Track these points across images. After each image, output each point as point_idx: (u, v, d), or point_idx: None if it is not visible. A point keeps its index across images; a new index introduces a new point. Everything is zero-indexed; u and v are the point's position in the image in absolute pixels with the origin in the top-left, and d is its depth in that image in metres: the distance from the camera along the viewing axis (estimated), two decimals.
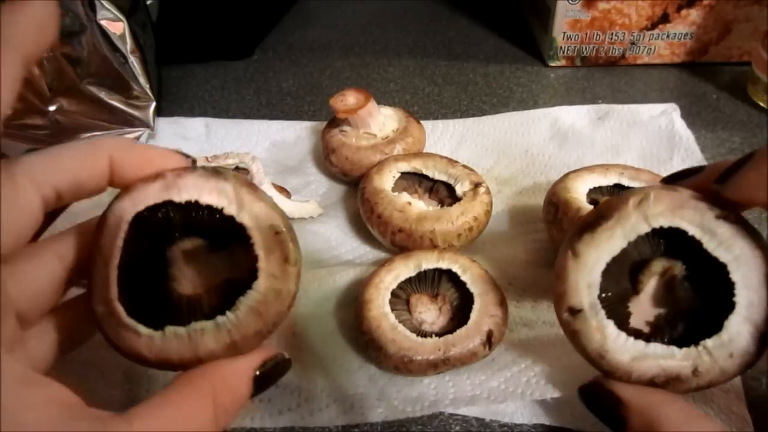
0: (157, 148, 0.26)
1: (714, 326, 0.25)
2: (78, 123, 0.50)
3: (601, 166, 0.40)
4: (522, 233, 0.43)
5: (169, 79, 0.62)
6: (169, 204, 0.24)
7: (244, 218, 0.24)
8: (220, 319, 0.23)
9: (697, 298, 0.26)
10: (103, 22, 0.49)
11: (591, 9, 0.57)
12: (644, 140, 0.48)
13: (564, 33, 0.59)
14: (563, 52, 0.61)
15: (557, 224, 0.37)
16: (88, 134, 0.50)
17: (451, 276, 0.35)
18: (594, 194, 0.39)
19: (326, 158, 0.47)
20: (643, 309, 0.27)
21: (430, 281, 0.36)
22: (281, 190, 0.45)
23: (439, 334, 0.33)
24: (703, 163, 0.45)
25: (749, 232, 0.24)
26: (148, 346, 0.23)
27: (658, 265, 0.27)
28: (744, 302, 0.24)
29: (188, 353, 0.23)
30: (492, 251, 0.41)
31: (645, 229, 0.25)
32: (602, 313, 0.26)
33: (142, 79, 0.51)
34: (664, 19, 0.57)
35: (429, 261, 0.36)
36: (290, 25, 0.73)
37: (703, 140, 0.47)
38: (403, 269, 0.36)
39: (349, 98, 0.46)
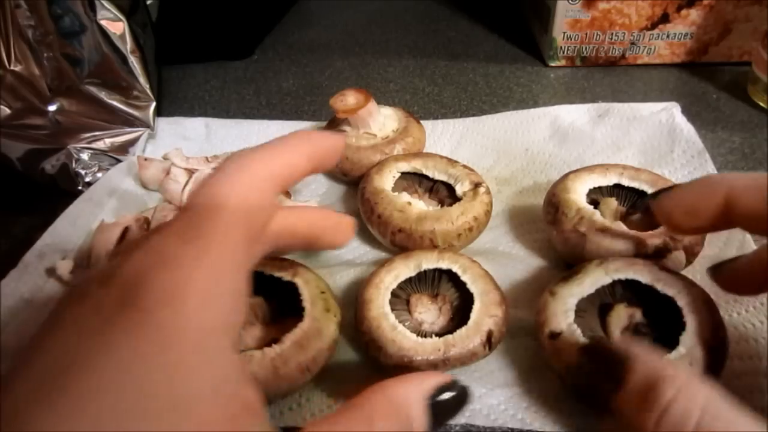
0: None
1: (672, 347, 0.29)
2: (78, 123, 0.50)
3: (600, 166, 0.40)
4: (522, 233, 0.43)
5: (169, 79, 0.62)
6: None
7: (298, 281, 0.33)
8: (267, 349, 0.30)
9: (655, 333, 0.31)
10: (103, 22, 0.49)
11: (591, 9, 0.57)
12: (644, 135, 0.48)
13: (564, 33, 0.59)
14: (563, 52, 0.61)
15: (557, 224, 0.37)
16: (89, 134, 0.50)
17: (451, 276, 0.35)
18: (594, 194, 0.39)
19: None
20: None
21: (430, 281, 0.36)
22: None
23: (439, 334, 0.33)
24: (705, 155, 0.45)
25: (684, 277, 0.32)
26: None
27: (621, 310, 0.32)
28: (692, 321, 0.30)
29: None
30: (492, 251, 0.41)
31: (607, 280, 0.32)
32: (578, 331, 0.30)
33: (142, 79, 0.51)
34: (664, 19, 0.57)
35: (429, 261, 0.36)
36: (290, 25, 0.73)
37: (703, 140, 0.47)
38: (403, 269, 0.36)
39: (349, 98, 0.46)
